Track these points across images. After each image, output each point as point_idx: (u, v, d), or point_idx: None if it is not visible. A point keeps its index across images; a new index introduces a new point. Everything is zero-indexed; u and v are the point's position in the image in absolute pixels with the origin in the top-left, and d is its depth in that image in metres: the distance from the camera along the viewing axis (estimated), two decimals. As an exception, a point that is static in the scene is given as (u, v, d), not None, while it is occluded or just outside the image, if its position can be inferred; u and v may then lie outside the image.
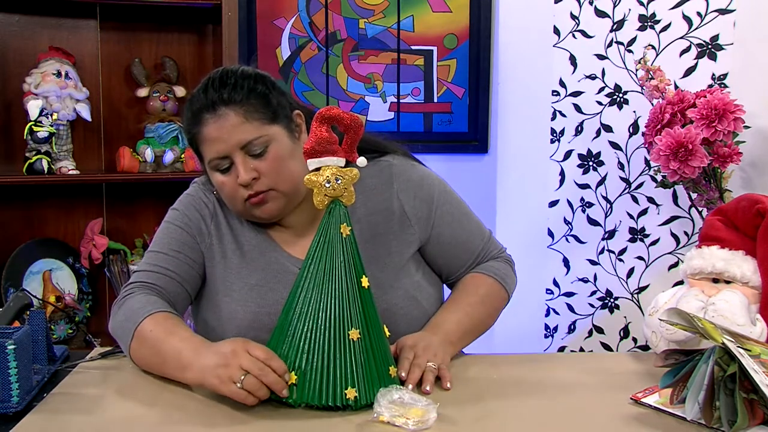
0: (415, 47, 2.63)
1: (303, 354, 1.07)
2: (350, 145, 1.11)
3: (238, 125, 1.24)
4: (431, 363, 1.19)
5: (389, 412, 1.03)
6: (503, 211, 2.64)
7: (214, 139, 1.25)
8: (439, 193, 1.41)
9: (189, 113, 1.29)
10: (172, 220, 1.38)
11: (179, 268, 1.33)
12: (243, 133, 1.24)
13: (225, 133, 1.24)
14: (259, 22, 2.54)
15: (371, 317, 1.11)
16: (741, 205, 1.33)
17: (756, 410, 1.01)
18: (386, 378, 1.11)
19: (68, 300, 2.33)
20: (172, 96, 2.41)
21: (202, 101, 1.26)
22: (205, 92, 1.26)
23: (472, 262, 1.43)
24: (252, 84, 1.27)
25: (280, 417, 1.06)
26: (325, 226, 1.11)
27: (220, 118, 1.24)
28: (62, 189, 2.40)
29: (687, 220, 2.22)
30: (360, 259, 1.12)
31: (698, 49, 2.15)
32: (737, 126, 1.85)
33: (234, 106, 1.24)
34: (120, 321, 1.27)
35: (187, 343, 1.16)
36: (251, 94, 1.26)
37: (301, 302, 1.09)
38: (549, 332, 2.50)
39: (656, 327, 1.30)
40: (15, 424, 1.04)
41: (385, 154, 1.42)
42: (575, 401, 1.15)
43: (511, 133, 2.62)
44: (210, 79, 1.28)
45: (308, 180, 1.10)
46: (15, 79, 2.30)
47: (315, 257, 1.10)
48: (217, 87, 1.26)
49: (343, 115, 1.09)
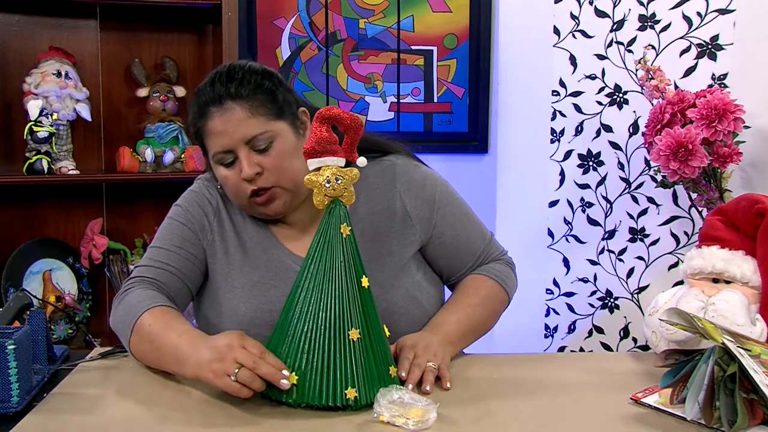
0: (415, 47, 2.63)
1: (303, 354, 1.07)
2: (350, 145, 1.11)
3: (244, 120, 1.25)
4: (431, 363, 1.19)
5: (389, 412, 1.03)
6: (503, 211, 2.64)
7: (219, 133, 1.26)
8: (441, 194, 1.41)
9: (195, 106, 1.30)
10: (175, 216, 1.38)
11: (180, 263, 1.33)
12: (248, 127, 1.25)
13: (230, 126, 1.25)
14: (259, 22, 2.54)
15: (371, 317, 1.11)
16: (741, 205, 1.33)
17: (756, 410, 1.01)
18: (386, 378, 1.11)
19: (68, 300, 2.33)
20: (172, 96, 2.41)
21: (208, 94, 1.27)
22: (212, 86, 1.27)
23: (473, 263, 1.43)
24: (259, 80, 1.28)
25: (281, 416, 1.06)
26: (325, 226, 1.11)
27: (226, 112, 1.25)
28: (62, 189, 2.40)
29: (687, 220, 2.22)
30: (360, 259, 1.12)
31: (698, 49, 2.14)
32: (737, 126, 1.85)
33: (240, 101, 1.25)
34: (120, 315, 1.28)
35: (184, 338, 1.16)
36: (258, 89, 1.27)
37: (301, 302, 1.09)
38: (549, 332, 2.50)
39: (656, 327, 1.30)
40: (15, 424, 1.04)
41: (388, 154, 1.42)
42: (575, 401, 1.15)
43: (511, 133, 2.62)
44: (217, 73, 1.29)
45: (308, 180, 1.10)
46: (15, 79, 2.30)
47: (315, 257, 1.10)
48: (224, 81, 1.27)
49: (343, 115, 1.09)
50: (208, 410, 1.09)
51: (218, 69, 1.30)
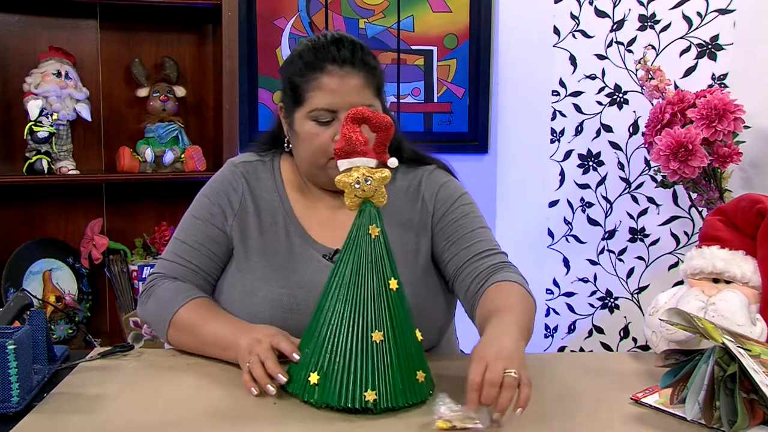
0: (415, 47, 2.63)
1: (326, 354, 1.07)
2: (381, 146, 1.11)
3: (360, 88, 1.31)
4: (510, 370, 1.01)
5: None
6: (503, 211, 2.64)
7: (332, 91, 1.30)
8: (461, 195, 1.43)
9: (311, 58, 1.33)
10: (199, 209, 1.42)
11: (202, 262, 1.39)
12: (361, 96, 1.31)
13: (347, 89, 1.30)
14: (259, 22, 2.54)
15: (399, 320, 1.09)
16: (741, 205, 1.33)
17: (756, 410, 1.01)
18: (412, 383, 1.08)
19: (68, 300, 2.33)
20: (172, 96, 2.41)
21: (332, 53, 1.31)
22: (337, 47, 1.31)
23: (480, 252, 1.35)
24: (374, 60, 1.36)
25: (279, 419, 1.06)
26: (356, 226, 1.10)
27: (347, 75, 1.30)
28: (62, 189, 2.40)
29: (687, 220, 2.22)
30: (391, 260, 1.11)
31: (698, 49, 2.14)
32: (737, 126, 1.85)
33: (359, 70, 1.31)
34: (152, 310, 1.37)
35: (226, 326, 1.27)
36: (375, 67, 1.35)
37: (327, 302, 1.09)
38: (549, 332, 2.50)
39: (656, 327, 1.30)
40: (15, 424, 1.03)
41: (425, 165, 1.47)
42: (575, 401, 1.15)
43: (511, 133, 2.63)
44: (337, 38, 1.34)
45: (339, 181, 1.10)
46: (15, 79, 2.30)
47: (344, 258, 1.10)
48: (348, 47, 1.32)
49: (373, 115, 1.09)
50: (209, 410, 1.09)
51: (334, 34, 1.35)
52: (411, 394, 1.08)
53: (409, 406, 1.08)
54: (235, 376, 1.19)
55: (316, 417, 1.06)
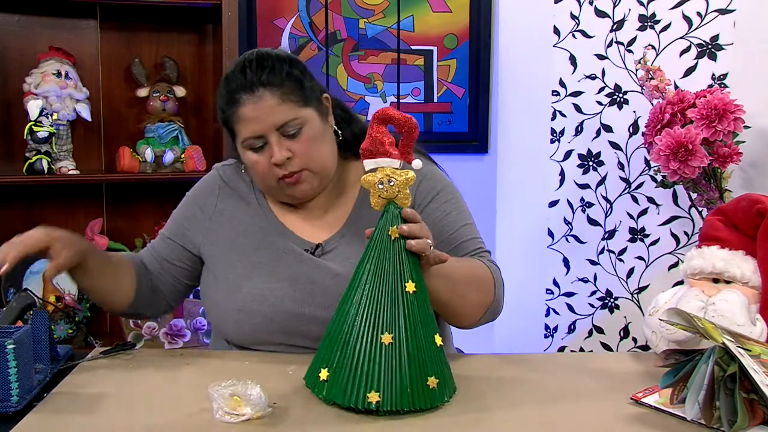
0: (415, 47, 2.63)
1: (336, 351, 1.07)
2: (406, 147, 1.10)
3: (275, 107, 1.29)
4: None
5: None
6: (503, 211, 2.63)
7: (251, 119, 1.30)
8: (442, 191, 1.42)
9: (225, 93, 1.34)
10: (179, 209, 1.49)
11: (170, 253, 1.45)
12: (279, 114, 1.30)
13: (262, 113, 1.29)
14: (259, 22, 2.54)
15: (413, 323, 1.07)
16: (741, 205, 1.33)
17: (756, 410, 1.01)
18: (422, 388, 1.06)
19: (68, 300, 2.33)
20: (172, 96, 2.41)
21: (240, 81, 1.31)
22: (243, 73, 1.31)
23: (461, 240, 1.38)
24: (288, 68, 1.32)
25: (278, 419, 1.06)
26: (379, 227, 1.10)
27: (259, 100, 1.29)
28: (62, 189, 2.40)
29: (687, 220, 2.22)
30: (410, 262, 1.09)
31: (698, 49, 2.14)
32: (737, 126, 1.85)
33: (272, 88, 1.30)
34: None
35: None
36: (288, 77, 1.32)
37: (346, 302, 1.10)
38: (549, 332, 2.50)
39: (656, 327, 1.30)
40: (15, 424, 1.04)
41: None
42: (575, 401, 1.15)
43: (511, 133, 2.63)
44: (247, 60, 1.33)
45: (364, 180, 1.10)
46: (15, 79, 2.29)
47: (365, 259, 1.10)
48: (255, 69, 1.30)
49: (398, 115, 1.09)
50: (209, 410, 1.09)
51: (246, 56, 1.34)
52: (419, 399, 1.06)
53: (416, 411, 1.06)
54: (235, 375, 1.19)
55: (316, 417, 1.06)
